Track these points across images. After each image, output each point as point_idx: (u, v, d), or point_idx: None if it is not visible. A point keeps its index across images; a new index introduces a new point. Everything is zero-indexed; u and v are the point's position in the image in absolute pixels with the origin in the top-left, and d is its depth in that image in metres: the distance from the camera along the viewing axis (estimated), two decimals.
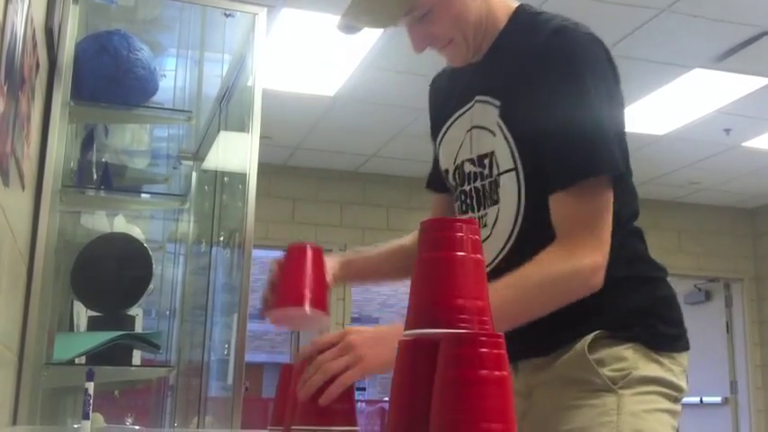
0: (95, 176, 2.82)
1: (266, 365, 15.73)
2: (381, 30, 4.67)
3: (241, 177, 2.66)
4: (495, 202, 1.49)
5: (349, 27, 1.61)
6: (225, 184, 3.13)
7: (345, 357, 1.18)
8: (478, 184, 1.52)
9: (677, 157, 6.90)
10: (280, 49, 4.98)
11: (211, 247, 3.13)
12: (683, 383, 1.45)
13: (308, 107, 6.00)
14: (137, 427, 3.16)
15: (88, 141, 2.90)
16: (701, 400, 8.30)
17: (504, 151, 1.45)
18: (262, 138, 2.58)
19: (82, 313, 2.77)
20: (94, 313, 2.62)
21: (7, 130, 1.52)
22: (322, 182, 7.40)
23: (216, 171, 3.21)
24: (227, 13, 2.81)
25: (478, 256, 0.95)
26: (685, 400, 1.48)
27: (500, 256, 1.47)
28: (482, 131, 1.51)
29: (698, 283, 8.53)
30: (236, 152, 2.79)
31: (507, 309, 1.26)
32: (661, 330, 1.45)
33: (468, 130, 1.55)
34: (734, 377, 8.19)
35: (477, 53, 1.56)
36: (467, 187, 1.55)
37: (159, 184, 3.25)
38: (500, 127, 1.46)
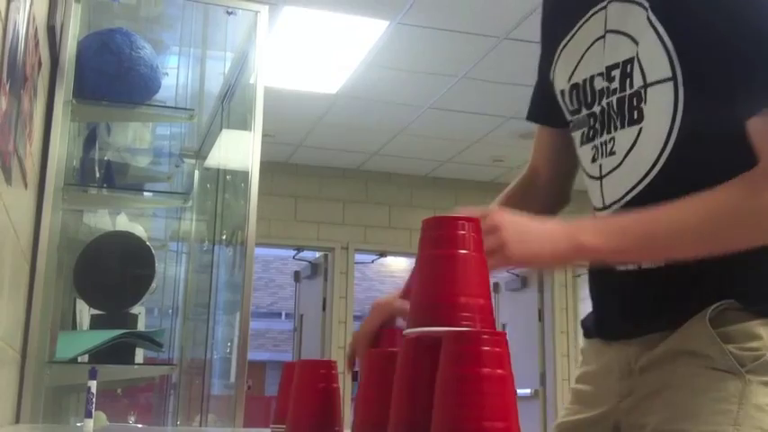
0: (98, 175, 2.82)
1: (269, 364, 15.75)
2: (384, 27, 4.68)
3: (243, 175, 2.66)
4: (634, 121, 1.23)
5: None
6: (227, 181, 3.13)
7: (488, 238, 1.00)
8: (605, 101, 1.28)
9: None
10: (282, 47, 4.98)
11: (213, 245, 3.13)
12: None
13: (310, 105, 6.00)
14: (139, 426, 3.17)
15: (90, 139, 2.90)
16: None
17: (656, 57, 1.20)
18: (264, 135, 2.59)
19: (84, 311, 2.78)
20: (97, 311, 2.63)
21: (9, 128, 1.52)
22: (324, 180, 7.41)
23: (218, 169, 3.22)
24: (230, 10, 2.82)
25: (481, 254, 0.94)
26: None
27: (638, 188, 1.23)
28: (619, 37, 1.26)
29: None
30: (239, 150, 2.80)
31: (677, 240, 1.12)
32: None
33: (600, 38, 1.29)
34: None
35: None
36: (596, 108, 1.30)
37: (161, 183, 3.25)
38: (653, 28, 1.20)
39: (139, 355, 2.66)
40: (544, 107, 1.48)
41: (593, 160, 1.30)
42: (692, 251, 1.13)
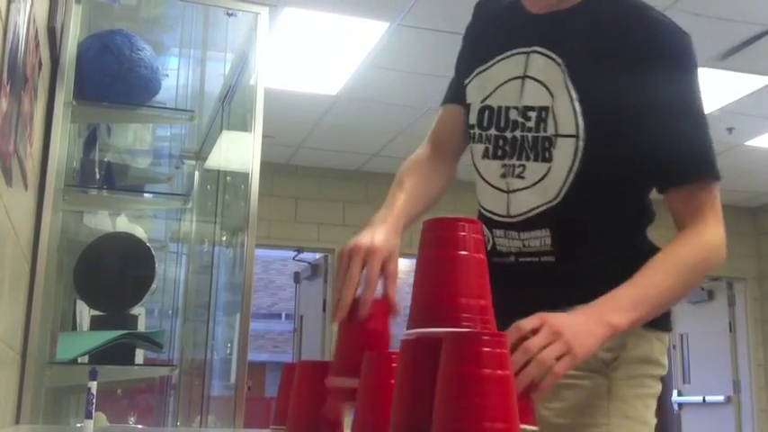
0: (98, 176, 2.83)
1: (269, 364, 15.75)
2: (384, 28, 4.68)
3: (243, 176, 2.66)
4: (546, 159, 1.46)
5: None
6: (227, 183, 3.13)
7: (556, 345, 1.16)
8: (518, 134, 1.49)
9: None
10: (282, 48, 4.98)
11: (214, 246, 3.13)
12: (665, 362, 1.51)
13: (311, 106, 6.00)
14: (139, 426, 3.17)
15: (91, 141, 2.91)
16: (704, 400, 8.30)
17: (566, 114, 1.43)
18: (264, 137, 2.59)
19: (85, 312, 2.78)
20: (97, 312, 2.63)
21: (10, 129, 1.52)
22: (324, 181, 7.40)
23: (218, 170, 3.22)
24: (230, 12, 2.82)
25: (481, 255, 0.95)
26: (688, 399, 1.52)
27: (541, 208, 1.47)
28: (537, 85, 1.48)
29: (701, 283, 8.50)
30: (239, 151, 2.80)
31: (668, 296, 1.37)
32: None
33: (520, 78, 1.50)
34: (737, 376, 8.17)
35: (544, 2, 1.52)
36: (508, 134, 1.50)
37: (162, 184, 3.25)
38: (568, 90, 1.43)
39: (139, 355, 2.66)
40: (461, 94, 1.64)
41: (503, 176, 1.52)
42: (676, 299, 1.40)
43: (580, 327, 1.23)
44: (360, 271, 1.26)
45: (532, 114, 1.47)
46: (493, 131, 1.53)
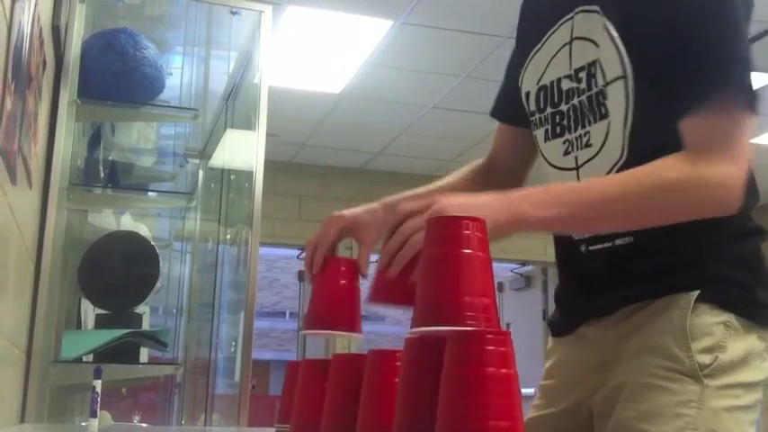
0: (102, 174, 2.83)
1: (273, 363, 15.76)
2: (389, 25, 4.68)
3: (247, 175, 2.66)
4: (603, 116, 1.35)
5: None
6: (231, 181, 3.13)
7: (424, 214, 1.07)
8: (575, 101, 1.40)
9: None
10: (286, 47, 4.98)
11: (218, 244, 3.13)
12: (766, 365, 1.30)
13: (315, 104, 6.00)
14: (144, 425, 3.17)
15: (95, 139, 2.91)
16: None
17: (611, 58, 1.33)
18: (268, 135, 2.59)
19: (89, 311, 2.78)
20: (102, 311, 2.63)
21: (14, 128, 1.53)
22: (328, 179, 7.41)
23: (222, 169, 3.22)
24: (234, 10, 2.82)
25: (485, 253, 0.94)
26: None
27: (612, 173, 1.33)
28: (584, 42, 1.39)
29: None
30: (243, 150, 2.80)
31: (611, 206, 1.21)
32: (758, 297, 1.31)
33: (567, 44, 1.42)
34: None
35: None
36: (564, 107, 1.42)
37: (166, 182, 3.25)
38: (609, 33, 1.34)
39: (144, 354, 2.67)
40: (510, 108, 1.60)
41: (567, 153, 1.41)
42: (623, 218, 1.24)
43: (472, 202, 1.14)
44: (326, 236, 1.34)
45: (583, 74, 1.38)
46: (549, 110, 1.45)
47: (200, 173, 3.33)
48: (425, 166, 7.24)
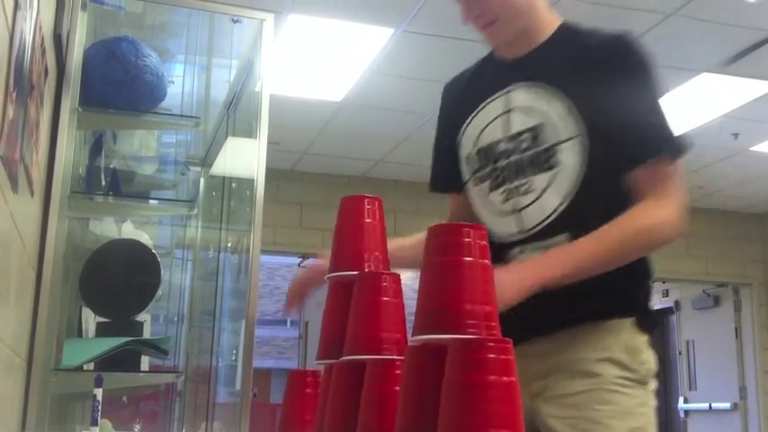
0: (104, 182, 2.83)
1: (274, 371, 15.74)
2: (390, 33, 4.68)
3: (249, 183, 2.66)
4: (549, 168, 1.64)
5: None
6: (232, 189, 3.13)
7: None
8: (514, 158, 1.70)
9: (685, 162, 6.85)
10: (287, 55, 4.99)
11: (219, 252, 3.13)
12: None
13: (316, 112, 6.00)
14: None
15: (96, 147, 2.91)
16: (711, 407, 8.27)
17: (565, 121, 1.64)
18: (269, 143, 2.58)
19: (90, 319, 2.78)
20: (103, 319, 2.63)
21: (16, 136, 1.53)
22: (329, 187, 7.40)
23: (224, 177, 3.22)
24: (235, 19, 2.82)
25: (486, 261, 0.94)
26: (694, 406, 1.63)
27: (554, 214, 1.64)
28: (524, 112, 1.70)
29: (706, 288, 8.50)
30: (244, 157, 2.80)
31: (594, 262, 1.54)
32: (653, 317, 1.73)
33: (505, 114, 1.73)
34: (743, 383, 8.14)
35: (519, 48, 1.77)
36: (503, 162, 1.72)
37: (167, 190, 3.25)
38: (561, 100, 1.65)
39: (145, 362, 2.66)
40: (446, 178, 1.92)
41: (506, 200, 1.70)
42: (612, 264, 1.56)
43: (507, 282, 1.38)
44: (299, 282, 1.75)
45: (526, 136, 1.68)
46: (489, 167, 1.75)
47: (202, 181, 3.33)
48: (427, 174, 7.23)
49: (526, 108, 1.69)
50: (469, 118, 1.80)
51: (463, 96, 1.87)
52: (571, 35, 1.74)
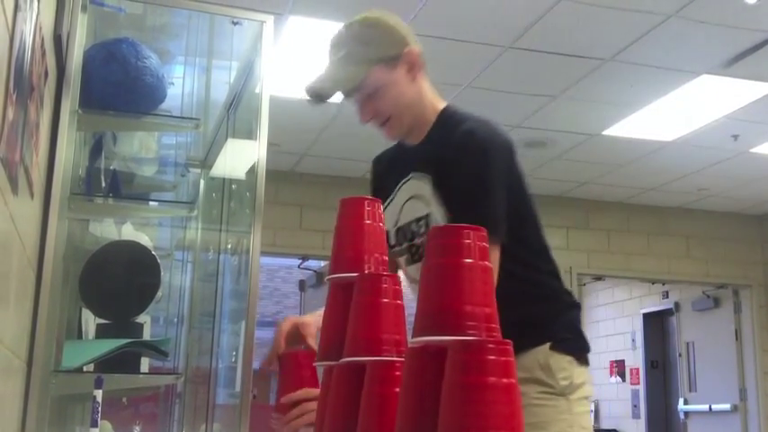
0: (104, 184, 2.83)
1: (274, 373, 15.70)
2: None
3: (248, 184, 2.66)
4: None
5: (316, 95, 2.15)
6: (232, 191, 3.13)
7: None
8: (420, 240, 1.98)
9: (685, 164, 6.88)
10: (287, 57, 4.99)
11: (219, 254, 3.13)
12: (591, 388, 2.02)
13: (316, 114, 6.00)
14: None
15: (96, 149, 2.91)
16: (711, 408, 8.27)
17: (438, 214, 1.92)
18: (269, 144, 2.59)
19: (90, 321, 2.78)
20: (103, 321, 2.63)
21: (16, 138, 1.53)
22: (329, 188, 7.40)
23: (223, 178, 3.22)
24: (235, 20, 2.82)
25: (486, 263, 0.95)
26: (694, 407, 1.64)
27: None
28: (418, 200, 1.98)
29: (706, 290, 8.50)
30: (244, 159, 2.80)
31: None
32: (581, 345, 2.02)
33: (412, 198, 2.02)
34: (743, 384, 8.14)
35: (414, 137, 2.06)
36: (417, 241, 2.00)
37: (167, 192, 3.25)
38: (435, 196, 1.94)
39: (145, 364, 2.66)
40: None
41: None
42: None
43: None
44: (281, 336, 1.92)
45: (422, 222, 1.98)
46: (406, 244, 2.04)
47: (202, 182, 3.33)
48: None
49: (419, 196, 1.98)
50: (391, 196, 2.07)
51: (386, 175, 2.15)
52: (446, 124, 1.99)
